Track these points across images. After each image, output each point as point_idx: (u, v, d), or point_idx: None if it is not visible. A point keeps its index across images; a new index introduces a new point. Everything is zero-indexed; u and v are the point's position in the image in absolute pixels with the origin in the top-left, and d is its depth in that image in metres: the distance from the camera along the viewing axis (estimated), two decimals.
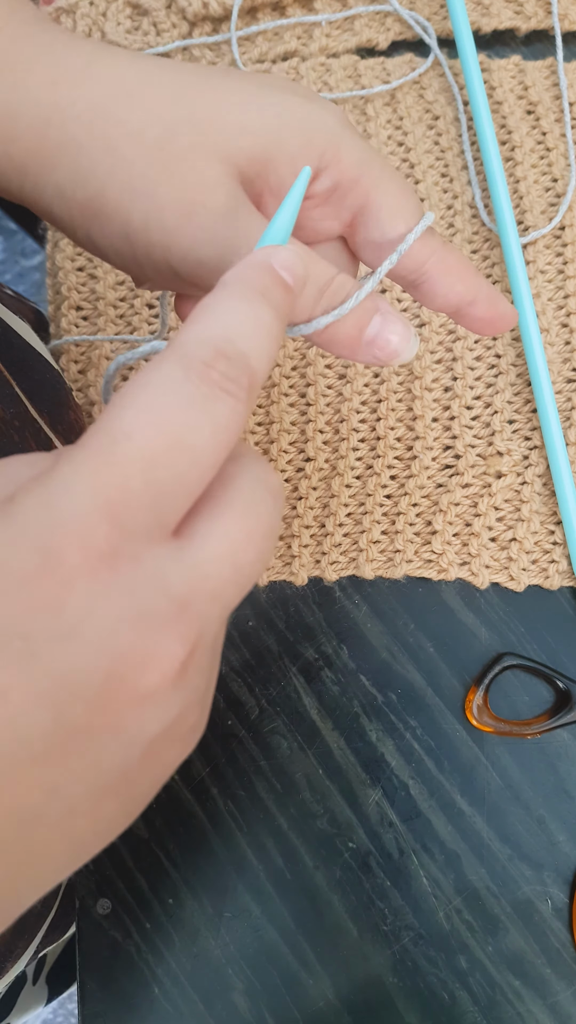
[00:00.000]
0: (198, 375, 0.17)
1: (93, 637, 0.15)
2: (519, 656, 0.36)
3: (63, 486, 0.15)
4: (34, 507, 0.15)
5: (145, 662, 0.16)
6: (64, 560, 0.15)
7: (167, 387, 0.17)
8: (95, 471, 0.16)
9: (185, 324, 0.18)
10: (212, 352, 0.17)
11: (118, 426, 0.16)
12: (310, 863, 0.34)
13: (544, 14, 0.45)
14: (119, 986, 0.34)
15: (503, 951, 0.33)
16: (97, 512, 0.15)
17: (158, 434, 0.16)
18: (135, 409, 0.16)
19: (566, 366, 0.39)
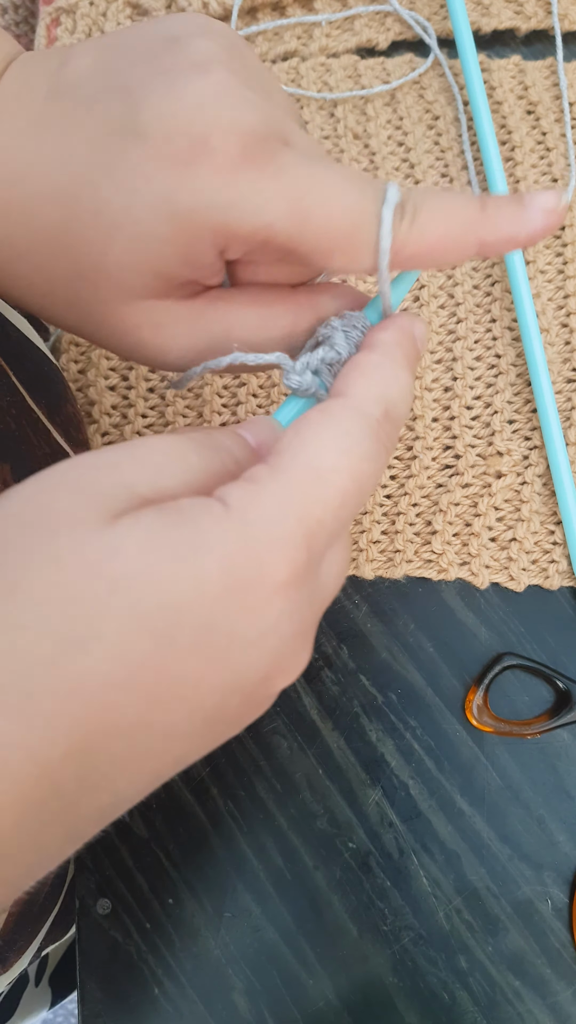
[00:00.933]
0: (375, 433, 0.20)
1: (271, 644, 0.18)
2: (519, 656, 0.36)
3: (278, 509, 0.18)
4: (255, 521, 0.17)
5: (287, 669, 0.19)
6: (272, 577, 0.17)
7: (358, 439, 0.19)
8: (304, 503, 0.18)
9: (360, 379, 0.21)
10: (383, 414, 0.20)
11: (322, 464, 0.19)
12: (310, 863, 0.34)
13: (544, 14, 0.45)
14: (119, 986, 0.34)
15: (503, 951, 0.33)
16: (302, 538, 0.18)
17: (351, 479, 0.19)
18: (335, 454, 0.19)
19: (566, 366, 0.39)
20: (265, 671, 0.18)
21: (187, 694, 0.17)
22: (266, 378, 0.39)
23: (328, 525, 0.18)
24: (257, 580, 0.17)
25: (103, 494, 0.17)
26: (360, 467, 0.19)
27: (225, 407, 0.39)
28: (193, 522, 0.17)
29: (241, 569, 0.17)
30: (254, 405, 0.39)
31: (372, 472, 0.19)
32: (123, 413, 0.39)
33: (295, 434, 0.19)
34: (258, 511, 0.17)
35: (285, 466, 0.18)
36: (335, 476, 0.19)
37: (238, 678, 0.18)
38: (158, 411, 0.39)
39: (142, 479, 0.18)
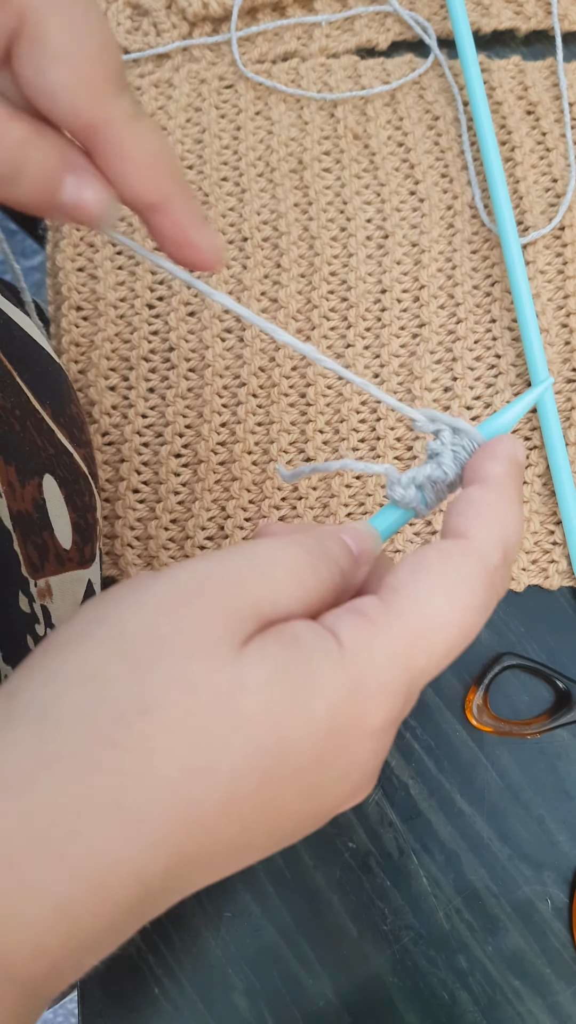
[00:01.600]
0: (491, 581, 0.20)
1: (356, 780, 0.19)
2: (519, 656, 0.36)
3: (388, 657, 0.18)
4: (365, 668, 0.18)
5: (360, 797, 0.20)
6: (372, 721, 0.18)
7: (474, 591, 0.19)
8: (413, 654, 0.18)
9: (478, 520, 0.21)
10: (501, 559, 0.20)
11: (435, 615, 0.19)
12: (310, 863, 0.34)
13: (544, 14, 0.45)
14: (119, 986, 0.34)
15: (503, 951, 0.33)
16: (404, 687, 0.18)
17: (461, 634, 0.19)
18: (449, 606, 0.19)
19: (566, 366, 0.39)
20: (342, 800, 0.19)
21: (276, 821, 0.18)
22: (266, 378, 0.39)
23: (431, 673, 0.19)
24: (357, 725, 0.18)
25: (233, 614, 0.17)
26: (471, 619, 0.19)
27: (225, 407, 0.39)
28: (310, 661, 0.17)
29: (346, 715, 0.18)
30: (254, 405, 0.39)
31: (481, 620, 0.20)
32: (123, 413, 0.40)
33: (412, 574, 0.19)
34: (369, 656, 0.18)
35: (399, 609, 0.19)
36: (447, 629, 0.19)
37: (320, 808, 0.19)
38: (158, 411, 0.39)
39: (265, 597, 0.18)
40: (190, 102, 0.44)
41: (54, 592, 0.30)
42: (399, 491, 0.23)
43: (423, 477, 0.23)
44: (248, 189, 0.43)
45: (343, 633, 0.18)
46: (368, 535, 0.23)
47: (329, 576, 0.20)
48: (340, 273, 0.41)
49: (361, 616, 0.19)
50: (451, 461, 0.23)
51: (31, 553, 0.29)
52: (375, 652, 0.18)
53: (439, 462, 0.23)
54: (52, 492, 0.31)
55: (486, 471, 0.22)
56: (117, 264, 0.42)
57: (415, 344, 0.40)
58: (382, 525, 0.24)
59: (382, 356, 0.40)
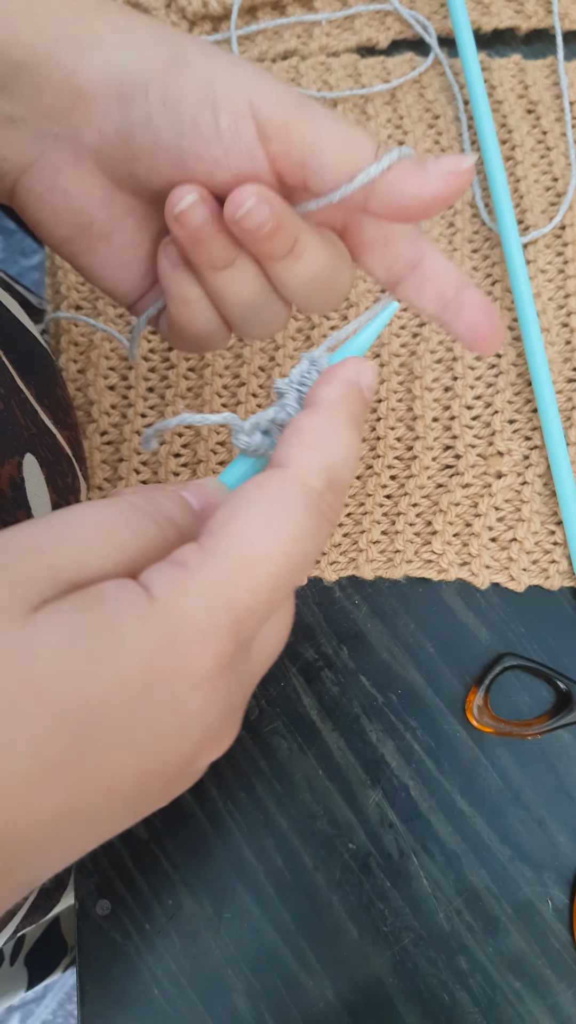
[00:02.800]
0: (316, 508, 0.19)
1: (196, 731, 0.18)
2: (519, 656, 0.35)
3: (205, 601, 0.17)
4: (179, 615, 0.17)
5: (214, 748, 0.19)
6: (196, 667, 0.17)
7: (294, 519, 0.19)
8: (233, 594, 0.18)
9: (298, 448, 0.20)
10: (325, 484, 0.20)
11: (253, 551, 0.18)
12: (310, 864, 0.34)
13: (544, 13, 0.45)
14: (119, 986, 0.34)
15: (503, 952, 0.33)
16: (229, 628, 0.18)
17: (287, 564, 0.18)
18: (267, 538, 0.18)
19: (566, 366, 0.39)
20: (189, 756, 0.18)
21: (107, 785, 0.17)
22: (266, 378, 0.39)
23: (259, 611, 0.18)
24: (180, 674, 0.17)
25: (24, 583, 0.17)
26: (296, 548, 0.18)
27: (225, 407, 0.39)
28: (112, 617, 0.17)
29: (163, 665, 0.17)
30: (254, 405, 0.39)
31: (311, 550, 0.19)
32: (123, 413, 0.39)
33: (229, 513, 0.19)
34: (183, 604, 0.17)
35: (215, 551, 0.18)
36: (268, 563, 0.18)
37: (161, 766, 0.18)
38: (157, 411, 0.39)
39: (67, 562, 0.17)
40: None
41: None
42: (244, 439, 0.22)
43: (267, 421, 0.22)
44: None
45: (155, 585, 0.17)
46: (212, 490, 0.22)
47: (158, 533, 0.19)
48: None
49: (177, 565, 0.18)
50: (295, 401, 0.22)
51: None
52: (189, 597, 0.17)
53: (283, 404, 0.22)
54: (32, 471, 0.31)
55: (317, 396, 0.21)
56: None
57: (415, 344, 0.40)
58: (231, 478, 0.23)
59: (382, 356, 0.40)
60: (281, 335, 0.40)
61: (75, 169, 0.26)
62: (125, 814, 0.18)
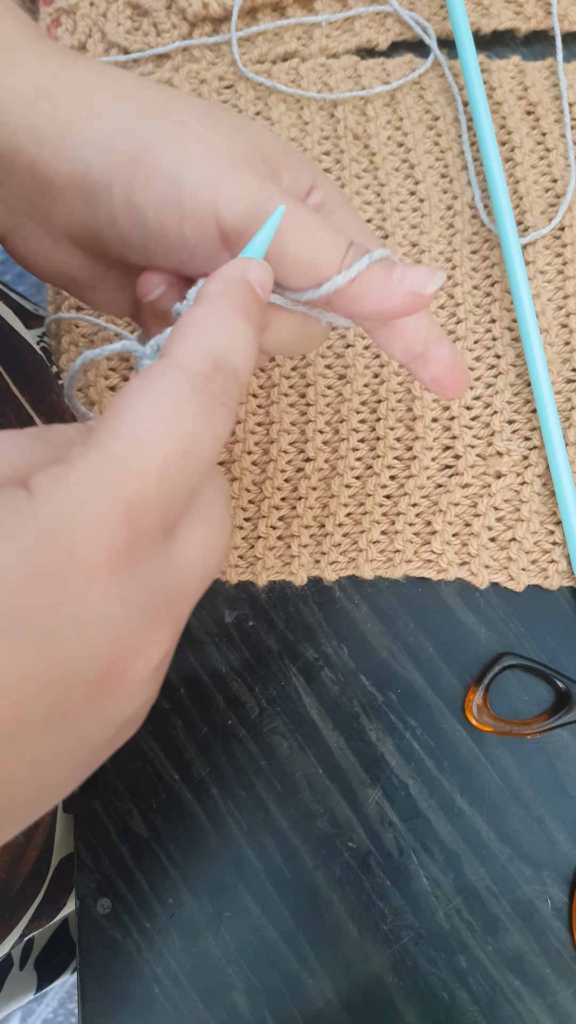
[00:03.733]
0: (201, 389, 0.18)
1: (103, 629, 0.16)
2: (519, 656, 0.36)
3: (87, 486, 0.17)
4: (60, 502, 0.16)
5: (138, 653, 0.17)
6: (88, 558, 0.16)
7: (176, 399, 0.18)
8: (117, 476, 0.17)
9: (179, 337, 0.20)
10: (211, 366, 0.19)
11: (136, 433, 0.17)
12: (310, 863, 0.34)
13: (544, 14, 0.45)
14: (119, 986, 0.34)
15: (503, 951, 0.33)
16: (119, 514, 0.17)
17: (172, 444, 0.17)
18: (150, 419, 0.17)
19: (566, 366, 0.39)
20: (106, 657, 0.17)
21: (13, 691, 0.16)
22: (266, 378, 0.40)
23: (152, 496, 0.17)
24: (70, 566, 0.16)
25: None
26: (183, 428, 0.18)
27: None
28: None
29: (47, 557, 0.16)
30: (254, 405, 0.39)
31: (203, 431, 0.18)
32: None
33: (112, 407, 0.18)
34: (63, 494, 0.16)
35: (98, 441, 0.17)
36: (152, 444, 0.17)
37: (71, 668, 0.16)
38: None
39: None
40: None
41: None
42: (147, 363, 0.22)
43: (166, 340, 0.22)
44: None
45: (36, 482, 0.17)
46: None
47: (50, 450, 0.18)
48: None
49: (59, 462, 0.17)
50: None
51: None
52: (71, 487, 0.16)
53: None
54: None
55: (201, 293, 0.21)
56: None
57: None
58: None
59: (382, 356, 0.40)
60: None
61: (52, 241, 0.26)
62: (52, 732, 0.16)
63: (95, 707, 0.17)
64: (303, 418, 0.39)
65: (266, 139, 0.26)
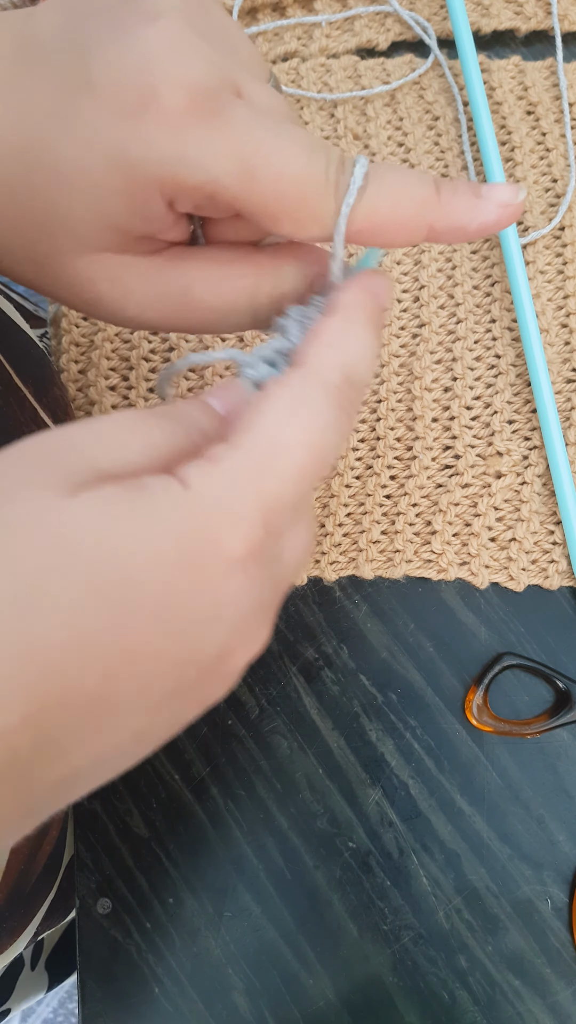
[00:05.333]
0: (335, 401, 0.19)
1: (228, 619, 0.18)
2: (519, 656, 0.36)
3: (233, 485, 0.18)
4: (210, 497, 0.17)
5: (247, 644, 0.19)
6: (229, 550, 0.17)
7: (315, 409, 0.19)
8: (260, 478, 0.18)
9: (317, 347, 0.20)
10: (344, 379, 0.20)
11: (279, 439, 0.19)
12: (310, 863, 0.34)
13: (544, 15, 0.45)
14: (119, 986, 0.34)
15: (503, 951, 0.33)
16: (258, 513, 0.18)
17: (309, 452, 0.19)
18: (291, 426, 0.19)
19: (566, 366, 0.39)
20: (223, 645, 0.18)
21: (144, 667, 0.17)
22: None
23: (287, 500, 0.18)
24: (213, 556, 0.17)
25: (65, 468, 0.17)
26: (319, 439, 0.19)
27: None
28: (151, 498, 0.17)
29: (196, 544, 0.17)
30: None
31: (333, 442, 0.19)
32: None
33: (254, 409, 0.19)
34: (213, 488, 0.18)
35: (242, 443, 0.18)
36: (293, 450, 0.18)
37: (195, 652, 0.18)
38: None
39: (105, 455, 0.18)
40: None
41: None
42: (250, 372, 0.22)
43: (271, 352, 0.22)
44: None
45: (189, 476, 0.18)
46: (235, 391, 0.22)
47: (186, 436, 0.19)
48: None
49: (207, 459, 0.18)
50: (297, 330, 0.23)
51: None
52: (219, 483, 0.18)
53: (285, 333, 0.23)
54: None
55: (334, 302, 0.22)
56: None
57: (415, 344, 0.40)
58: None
59: (382, 356, 0.40)
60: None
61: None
62: (162, 708, 0.18)
63: (199, 690, 0.18)
64: None
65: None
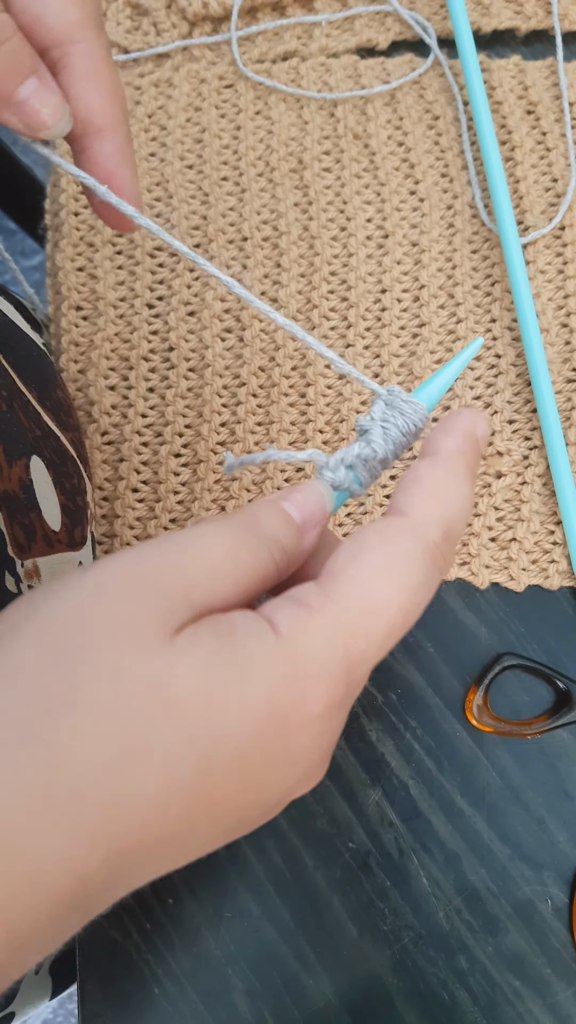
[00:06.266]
0: (432, 558, 0.19)
1: (298, 766, 0.18)
2: (519, 656, 0.36)
3: (325, 640, 0.18)
4: (301, 650, 0.18)
5: (306, 784, 0.20)
6: (311, 707, 0.18)
7: (412, 569, 0.19)
8: (352, 638, 0.18)
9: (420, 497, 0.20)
10: (443, 535, 0.20)
11: (373, 597, 0.19)
12: (310, 863, 0.34)
13: (544, 14, 0.45)
14: (119, 986, 0.34)
15: (503, 951, 0.33)
16: (344, 670, 0.18)
17: (401, 613, 0.19)
18: (387, 585, 0.19)
19: (566, 366, 0.39)
20: (289, 790, 0.19)
21: (218, 811, 0.17)
22: (266, 378, 0.39)
23: (371, 658, 0.19)
24: (297, 710, 0.18)
25: (164, 604, 0.17)
26: (413, 598, 0.19)
27: (225, 407, 0.39)
28: (245, 648, 0.17)
29: (284, 699, 0.17)
30: (254, 405, 0.39)
31: (423, 600, 0.19)
32: (123, 413, 0.39)
33: (350, 556, 0.19)
34: (307, 643, 0.18)
35: (337, 594, 0.18)
36: (387, 611, 0.19)
37: (264, 796, 0.18)
38: (158, 411, 0.39)
39: (197, 584, 0.18)
40: (190, 102, 0.44)
41: (42, 573, 0.30)
42: (328, 475, 0.22)
43: (352, 457, 0.22)
44: (248, 189, 0.43)
45: (280, 621, 0.18)
46: (312, 497, 0.22)
47: (268, 554, 0.19)
48: (340, 273, 0.41)
49: (299, 604, 0.18)
50: (380, 439, 0.23)
51: (17, 533, 0.29)
52: (313, 638, 0.18)
53: (368, 440, 0.23)
54: (40, 474, 0.31)
55: (437, 445, 0.22)
56: (117, 264, 0.42)
57: (415, 344, 0.40)
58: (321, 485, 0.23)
59: (382, 356, 0.40)
60: (280, 335, 0.40)
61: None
62: (220, 839, 0.18)
63: (254, 823, 0.19)
64: (303, 418, 0.39)
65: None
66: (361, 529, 0.20)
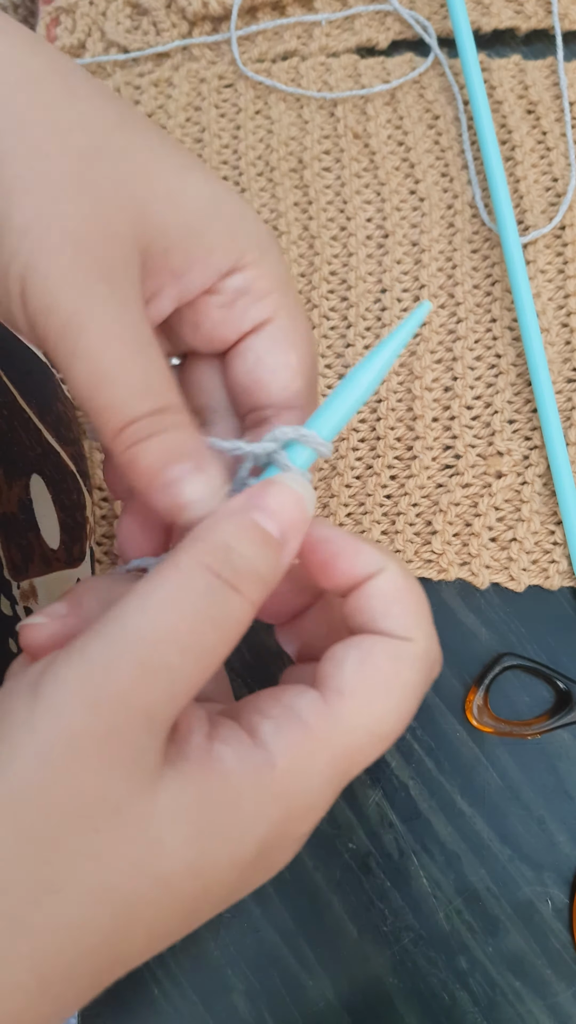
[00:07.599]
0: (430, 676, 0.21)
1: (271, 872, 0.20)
2: (519, 656, 0.35)
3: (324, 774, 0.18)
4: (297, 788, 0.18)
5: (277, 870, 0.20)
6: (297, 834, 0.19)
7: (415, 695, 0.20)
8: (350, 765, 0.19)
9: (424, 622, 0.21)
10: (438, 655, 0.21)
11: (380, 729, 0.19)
12: (310, 863, 0.34)
13: (544, 13, 0.45)
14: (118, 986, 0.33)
15: (503, 952, 0.33)
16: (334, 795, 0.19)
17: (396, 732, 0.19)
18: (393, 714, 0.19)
19: (566, 366, 0.39)
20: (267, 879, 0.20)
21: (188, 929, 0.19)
22: None
23: (358, 772, 0.19)
24: (286, 838, 0.18)
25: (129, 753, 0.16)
26: (407, 719, 0.19)
27: None
28: (237, 792, 0.17)
29: (273, 842, 0.18)
30: None
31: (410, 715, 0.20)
32: None
33: (360, 679, 0.19)
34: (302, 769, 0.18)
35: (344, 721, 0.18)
36: (388, 739, 0.19)
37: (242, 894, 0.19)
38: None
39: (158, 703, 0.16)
40: (190, 101, 0.44)
41: (39, 593, 0.30)
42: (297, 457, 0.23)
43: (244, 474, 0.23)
44: (248, 188, 0.43)
45: (278, 752, 0.18)
46: (290, 505, 0.20)
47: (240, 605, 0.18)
48: (340, 272, 0.41)
49: (301, 727, 0.18)
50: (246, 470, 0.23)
51: (14, 555, 0.29)
52: (309, 764, 0.18)
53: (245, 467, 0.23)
54: (40, 492, 0.31)
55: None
56: None
57: (415, 344, 0.40)
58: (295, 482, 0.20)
59: None
60: None
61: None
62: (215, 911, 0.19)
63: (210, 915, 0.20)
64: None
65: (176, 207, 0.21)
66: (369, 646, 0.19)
